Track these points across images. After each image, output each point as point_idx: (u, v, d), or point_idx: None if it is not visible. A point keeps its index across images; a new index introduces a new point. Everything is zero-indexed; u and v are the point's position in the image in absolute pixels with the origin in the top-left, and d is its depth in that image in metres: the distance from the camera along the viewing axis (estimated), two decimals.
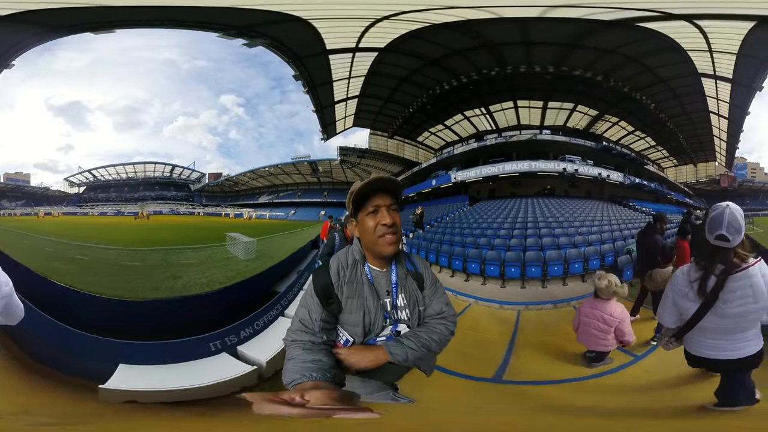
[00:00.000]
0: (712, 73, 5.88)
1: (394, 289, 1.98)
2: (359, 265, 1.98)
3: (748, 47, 5.18)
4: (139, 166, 7.77)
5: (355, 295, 1.94)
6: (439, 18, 5.17)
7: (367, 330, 1.93)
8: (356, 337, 1.93)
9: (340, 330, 1.96)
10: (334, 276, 1.94)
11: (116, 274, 5.87)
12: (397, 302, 1.99)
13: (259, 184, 9.69)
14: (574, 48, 6.15)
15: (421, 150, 8.40)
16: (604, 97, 7.02)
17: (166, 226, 8.29)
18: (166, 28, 5.49)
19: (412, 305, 2.01)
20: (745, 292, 2.48)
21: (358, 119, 7.76)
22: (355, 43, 5.81)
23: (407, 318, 2.00)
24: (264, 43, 5.69)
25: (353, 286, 1.95)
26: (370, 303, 1.94)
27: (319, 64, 6.28)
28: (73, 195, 7.50)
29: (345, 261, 1.99)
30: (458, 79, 6.88)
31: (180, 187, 8.68)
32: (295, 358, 1.79)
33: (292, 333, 1.93)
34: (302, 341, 1.87)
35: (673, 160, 7.84)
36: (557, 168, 7.13)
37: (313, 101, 6.97)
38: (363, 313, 1.93)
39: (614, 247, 6.43)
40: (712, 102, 6.37)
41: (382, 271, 2.00)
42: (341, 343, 1.95)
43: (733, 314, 2.54)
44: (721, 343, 2.69)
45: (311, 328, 1.90)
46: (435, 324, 2.02)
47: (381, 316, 1.94)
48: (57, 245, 6.57)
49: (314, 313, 1.91)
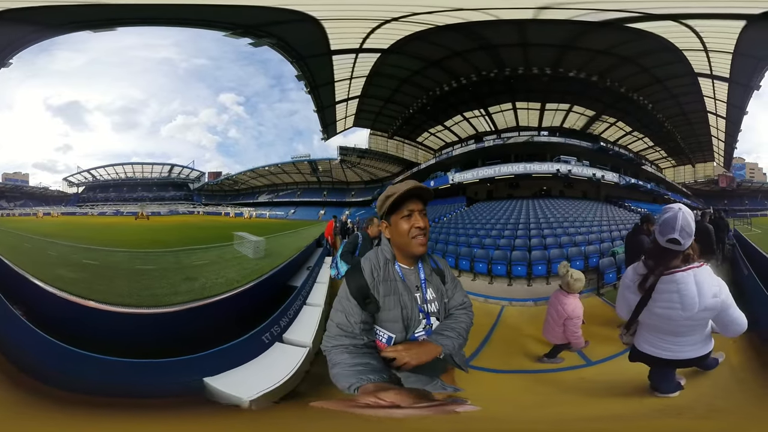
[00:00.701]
0: (708, 72, 5.92)
1: (423, 284, 2.10)
2: (390, 263, 2.08)
3: (745, 46, 5.22)
4: (138, 165, 7.75)
5: (391, 292, 2.01)
6: (442, 20, 5.19)
7: (406, 324, 2.00)
8: (397, 333, 1.99)
9: (378, 329, 2.01)
10: (368, 277, 2.01)
11: (132, 279, 5.64)
12: (427, 296, 2.10)
13: (259, 183, 9.69)
14: (569, 49, 6.19)
15: (420, 150, 8.43)
16: (601, 97, 7.07)
17: (168, 227, 8.26)
18: (171, 27, 5.47)
19: (439, 298, 2.12)
20: (671, 297, 2.48)
21: (359, 119, 7.81)
22: (359, 44, 5.85)
23: (437, 310, 2.10)
24: (270, 42, 5.69)
25: (388, 284, 2.02)
26: (406, 298, 2.02)
27: (323, 65, 6.31)
28: (72, 195, 7.46)
29: (377, 261, 2.07)
30: (458, 81, 6.92)
31: (179, 187, 8.66)
32: (342, 363, 1.81)
33: (332, 339, 1.94)
34: (343, 345, 1.89)
35: (672, 161, 7.88)
36: (551, 169, 7.20)
37: (315, 101, 7.00)
38: (401, 308, 2.00)
39: (600, 248, 6.51)
40: (710, 102, 6.43)
41: (411, 269, 2.11)
42: (383, 341, 1.99)
43: (659, 315, 2.57)
44: (659, 343, 2.74)
45: (351, 331, 1.93)
46: (459, 314, 2.18)
47: (416, 309, 2.03)
48: (60, 248, 6.35)
49: (353, 316, 1.95)
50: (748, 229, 7.10)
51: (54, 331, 3.41)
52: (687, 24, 5.24)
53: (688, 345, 2.67)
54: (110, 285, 5.34)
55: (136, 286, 5.39)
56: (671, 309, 2.50)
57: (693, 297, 2.41)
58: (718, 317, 2.49)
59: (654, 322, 2.65)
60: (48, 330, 3.42)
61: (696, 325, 2.55)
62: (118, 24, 5.17)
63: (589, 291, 5.73)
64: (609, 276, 5.89)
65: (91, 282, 5.31)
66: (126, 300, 4.87)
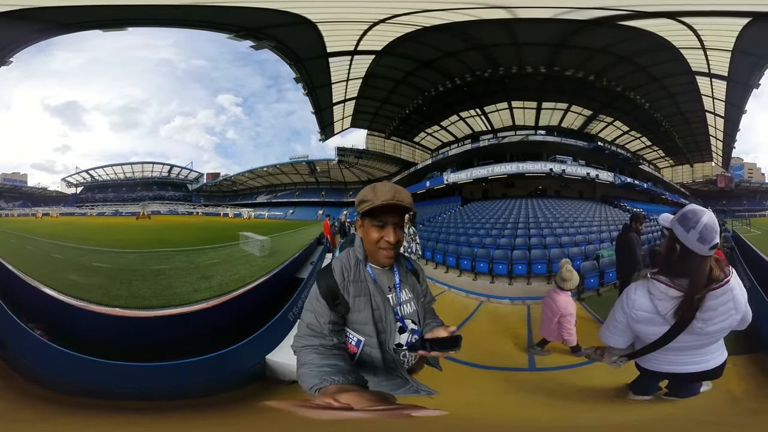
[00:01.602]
0: (707, 70, 5.86)
1: (398, 285, 2.06)
2: (362, 264, 2.03)
3: (745, 44, 5.16)
4: (137, 166, 7.77)
5: (361, 293, 1.97)
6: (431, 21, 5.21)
7: (378, 327, 1.95)
8: (368, 336, 1.94)
9: (348, 332, 1.98)
10: (338, 277, 1.97)
11: (150, 280, 5.50)
12: (401, 297, 2.05)
13: (257, 183, 9.71)
14: (564, 48, 6.18)
15: (417, 150, 8.44)
16: (598, 96, 7.05)
17: (171, 227, 8.30)
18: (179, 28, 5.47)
19: (416, 299, 2.10)
20: (728, 307, 2.21)
21: (356, 120, 7.83)
22: (354, 46, 5.88)
23: (413, 311, 2.07)
24: (270, 45, 5.73)
25: (359, 285, 1.98)
26: (378, 299, 1.98)
27: (320, 67, 6.36)
28: (71, 195, 7.49)
29: (348, 261, 2.03)
30: (452, 81, 6.94)
31: (178, 187, 8.69)
32: (309, 363, 1.79)
33: (301, 339, 1.92)
34: (313, 346, 1.87)
35: (669, 161, 7.85)
36: (544, 169, 7.19)
37: (313, 103, 7.05)
38: (372, 310, 1.96)
39: (584, 250, 6.53)
40: (708, 101, 6.37)
41: (383, 270, 2.06)
42: (352, 344, 1.96)
43: (714, 332, 2.28)
44: (684, 359, 2.44)
45: (320, 331, 1.90)
46: (431, 308, 2.22)
47: (390, 311, 1.98)
48: (66, 250, 6.14)
49: (322, 317, 1.92)
50: (747, 230, 7.05)
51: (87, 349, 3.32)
52: (684, 22, 5.22)
53: (711, 353, 2.44)
54: (130, 288, 5.22)
55: (157, 287, 5.34)
56: (728, 319, 2.24)
57: (742, 297, 2.24)
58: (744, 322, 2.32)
59: (687, 343, 2.33)
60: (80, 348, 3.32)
61: (721, 334, 2.35)
62: (128, 24, 5.19)
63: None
64: (590, 281, 5.79)
65: (109, 287, 5.16)
66: (152, 302, 4.85)
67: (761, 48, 5.27)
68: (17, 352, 3.49)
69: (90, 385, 3.20)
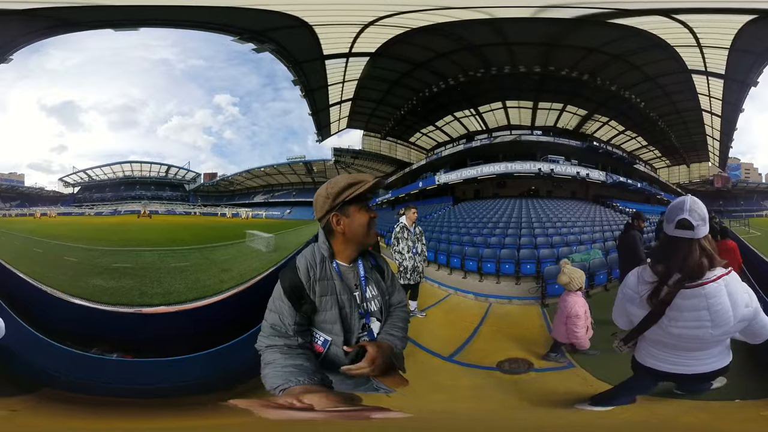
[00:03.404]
0: (703, 69, 5.84)
1: (363, 282, 2.04)
2: (327, 261, 2.01)
3: (743, 41, 5.13)
4: (135, 165, 7.81)
5: (328, 292, 1.94)
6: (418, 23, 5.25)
7: (345, 326, 1.92)
8: (335, 336, 1.91)
9: (315, 332, 1.95)
10: (303, 276, 1.94)
11: (177, 276, 5.59)
12: (367, 294, 2.04)
13: (255, 183, 9.75)
14: (557, 47, 6.19)
15: (413, 150, 8.48)
16: (592, 96, 7.04)
17: (174, 226, 8.41)
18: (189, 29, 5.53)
19: (380, 296, 2.08)
20: (699, 315, 2.04)
21: (352, 121, 7.88)
22: (348, 48, 5.95)
23: (377, 309, 2.05)
24: (271, 48, 5.77)
25: (325, 283, 1.95)
26: (344, 297, 1.95)
27: (316, 69, 6.44)
28: (68, 195, 7.52)
29: (313, 259, 2.00)
30: (446, 81, 6.96)
31: (175, 187, 8.74)
32: (274, 363, 1.78)
33: (265, 338, 1.90)
34: (277, 346, 1.85)
35: (666, 161, 7.83)
36: (533, 169, 7.20)
37: (310, 105, 7.10)
38: (338, 309, 1.92)
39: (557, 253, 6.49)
40: (705, 99, 6.34)
41: (350, 266, 2.05)
42: (319, 344, 1.93)
43: (680, 335, 2.14)
44: (670, 358, 2.31)
45: (285, 332, 1.88)
46: (400, 312, 2.16)
47: (355, 309, 1.96)
48: (78, 252, 5.99)
49: (286, 317, 1.89)
50: (746, 231, 6.99)
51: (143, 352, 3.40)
52: (678, 19, 5.20)
53: (708, 358, 2.28)
54: (163, 285, 5.30)
55: (187, 282, 5.51)
56: (699, 328, 2.06)
57: (727, 312, 1.99)
58: (751, 327, 2.12)
59: (669, 341, 2.24)
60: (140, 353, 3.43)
61: (721, 339, 2.19)
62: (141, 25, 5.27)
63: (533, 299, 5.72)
64: (554, 287, 5.51)
65: (140, 287, 5.19)
66: (188, 296, 5.05)
67: (760, 45, 5.22)
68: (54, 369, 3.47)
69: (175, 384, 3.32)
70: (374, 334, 2.01)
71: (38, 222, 7.17)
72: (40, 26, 5.17)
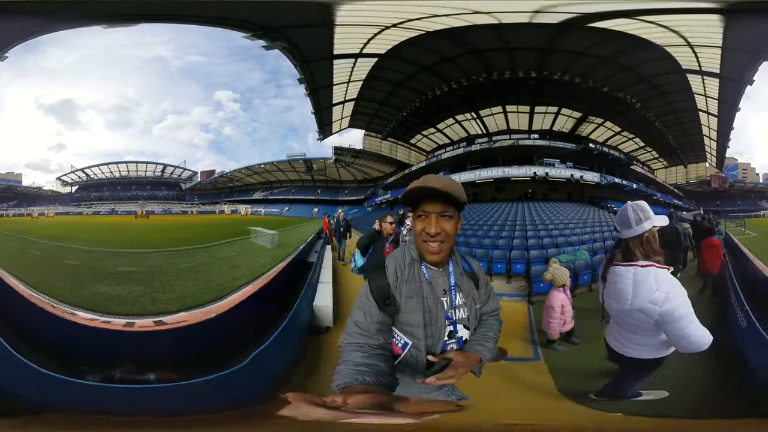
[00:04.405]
0: (698, 68, 5.91)
1: (453, 287, 1.99)
2: (417, 264, 1.98)
3: (735, 40, 5.22)
4: (131, 165, 7.71)
5: (414, 294, 1.91)
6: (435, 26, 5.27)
7: (427, 331, 1.89)
8: (416, 339, 1.90)
9: (396, 333, 1.93)
10: (391, 276, 1.93)
11: (187, 278, 5.24)
12: (456, 301, 1.99)
13: (254, 180, 9.69)
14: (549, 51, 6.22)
15: (413, 152, 8.50)
16: (586, 98, 7.08)
17: (173, 226, 8.30)
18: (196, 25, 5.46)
19: (469, 304, 2.02)
20: (617, 288, 2.64)
21: (354, 120, 7.87)
22: (360, 48, 6.04)
23: (465, 317, 2.00)
24: (282, 46, 5.71)
25: (412, 285, 1.93)
26: (431, 301, 1.92)
27: (324, 69, 6.49)
28: (66, 194, 7.41)
29: (402, 260, 1.98)
30: (449, 84, 6.96)
31: (171, 186, 8.64)
32: (349, 361, 1.79)
33: (348, 336, 1.90)
34: (358, 344, 1.85)
35: (663, 161, 7.91)
36: (528, 173, 7.31)
37: (313, 104, 7.05)
38: (423, 312, 1.90)
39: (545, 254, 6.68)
40: (701, 99, 6.44)
41: (439, 271, 2.00)
42: (398, 346, 1.92)
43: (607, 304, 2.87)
44: (615, 335, 2.92)
45: (367, 330, 1.87)
46: (492, 322, 2.14)
47: (442, 315, 1.93)
48: (78, 254, 5.61)
49: (370, 315, 1.89)
50: (742, 231, 7.09)
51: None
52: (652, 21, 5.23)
53: (635, 344, 2.76)
54: (175, 290, 4.90)
55: (199, 283, 5.22)
56: (617, 301, 2.67)
57: (626, 294, 2.55)
58: (665, 328, 2.48)
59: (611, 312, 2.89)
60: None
61: (637, 325, 2.63)
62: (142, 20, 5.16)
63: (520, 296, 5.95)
64: (540, 285, 5.74)
65: (152, 293, 4.75)
66: (204, 297, 4.72)
67: (753, 44, 5.32)
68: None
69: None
70: (462, 342, 1.99)
71: (35, 222, 6.96)
72: (34, 22, 5.07)
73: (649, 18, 5.24)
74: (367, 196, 9.88)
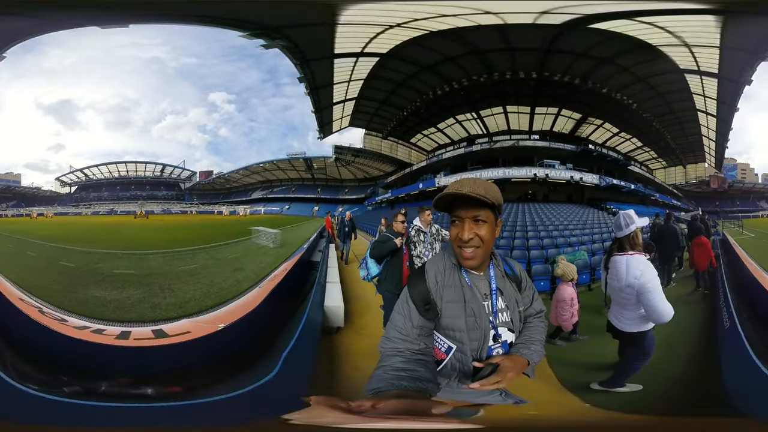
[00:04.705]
0: (696, 68, 5.91)
1: (494, 293, 1.95)
2: (456, 268, 1.94)
3: (734, 39, 5.20)
4: (130, 165, 7.68)
5: (455, 299, 1.88)
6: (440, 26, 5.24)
7: (472, 335, 1.86)
8: (459, 343, 1.86)
9: (438, 337, 1.89)
10: (431, 281, 1.90)
11: (190, 282, 5.02)
12: (498, 305, 1.95)
13: (252, 180, 9.67)
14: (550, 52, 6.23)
15: (413, 151, 8.51)
16: (585, 99, 7.10)
17: (173, 226, 8.21)
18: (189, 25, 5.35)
19: (512, 307, 1.98)
20: (617, 271, 3.41)
21: (355, 119, 7.87)
22: (361, 47, 5.99)
23: (509, 320, 1.96)
24: (281, 44, 5.65)
25: (452, 290, 1.89)
26: (472, 306, 1.88)
27: (325, 68, 6.43)
28: (65, 195, 7.35)
29: (442, 265, 1.95)
30: (450, 84, 6.96)
31: (171, 186, 8.59)
32: (386, 366, 1.76)
33: (388, 341, 1.86)
34: (398, 349, 1.82)
35: (662, 162, 7.92)
36: (529, 174, 7.35)
37: (313, 102, 7.01)
38: (465, 317, 1.86)
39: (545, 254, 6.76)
40: (700, 100, 6.42)
41: (480, 275, 1.96)
42: (442, 351, 1.87)
43: (611, 285, 3.54)
44: (615, 313, 3.61)
45: (408, 335, 1.84)
46: (538, 323, 2.10)
47: (485, 319, 1.89)
48: (75, 255, 5.42)
49: (411, 320, 1.85)
50: (740, 232, 7.11)
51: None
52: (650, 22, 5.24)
53: (627, 319, 3.49)
54: (176, 294, 4.59)
55: (201, 286, 4.95)
56: (617, 281, 3.42)
57: (622, 273, 3.35)
58: (641, 300, 3.24)
59: (611, 293, 3.60)
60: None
61: (627, 299, 3.38)
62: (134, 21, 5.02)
63: None
64: (539, 284, 5.88)
65: (151, 298, 4.45)
66: (207, 302, 4.40)
67: (751, 43, 5.29)
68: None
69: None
70: (507, 345, 1.95)
71: (33, 222, 6.90)
72: (30, 22, 5.02)
73: (647, 19, 5.25)
74: (368, 195, 9.94)
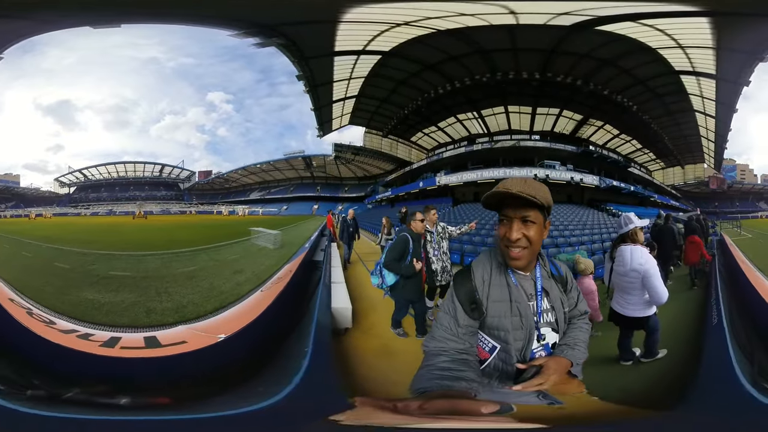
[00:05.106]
0: (691, 69, 5.92)
1: (539, 293, 1.94)
2: (503, 268, 1.93)
3: (731, 41, 5.21)
4: (129, 165, 7.66)
5: (500, 299, 1.88)
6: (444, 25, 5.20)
7: (516, 336, 1.86)
8: (504, 343, 1.85)
9: (483, 337, 1.90)
10: (477, 280, 1.90)
11: (188, 285, 4.78)
12: (542, 306, 1.94)
13: (251, 180, 9.64)
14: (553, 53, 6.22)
15: (414, 150, 8.49)
16: (587, 100, 7.11)
17: (172, 226, 8.15)
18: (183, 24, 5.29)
19: (558, 308, 1.97)
20: (622, 260, 3.87)
21: (355, 117, 7.84)
22: (363, 45, 5.92)
23: (553, 320, 1.96)
24: (278, 43, 5.59)
25: (498, 290, 1.89)
26: (518, 306, 1.87)
27: (324, 65, 6.36)
28: (64, 195, 7.32)
29: (489, 265, 1.94)
30: (452, 84, 6.95)
31: (170, 186, 8.55)
32: (431, 366, 1.76)
33: (434, 340, 1.86)
34: (443, 348, 1.83)
35: (661, 162, 7.93)
36: (529, 174, 7.37)
37: (313, 100, 6.96)
38: (511, 316, 1.86)
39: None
40: (698, 100, 6.41)
41: (526, 275, 1.95)
42: (486, 350, 1.88)
43: (615, 272, 3.98)
44: (619, 300, 4.01)
45: (453, 333, 1.85)
46: (582, 324, 2.09)
47: (530, 319, 1.89)
48: (71, 256, 5.24)
49: (455, 319, 1.86)
50: (738, 233, 7.12)
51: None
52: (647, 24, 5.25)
53: (631, 304, 3.89)
54: (173, 299, 4.34)
55: (200, 290, 4.71)
56: (616, 266, 3.93)
57: (627, 259, 3.82)
58: (645, 283, 3.71)
59: (616, 280, 3.98)
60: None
61: (631, 284, 3.81)
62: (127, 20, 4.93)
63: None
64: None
65: (146, 302, 4.22)
66: (206, 307, 4.14)
67: (748, 45, 5.27)
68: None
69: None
70: (550, 346, 1.94)
71: (32, 222, 6.88)
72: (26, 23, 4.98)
73: (648, 22, 5.25)
74: (368, 194, 9.98)
